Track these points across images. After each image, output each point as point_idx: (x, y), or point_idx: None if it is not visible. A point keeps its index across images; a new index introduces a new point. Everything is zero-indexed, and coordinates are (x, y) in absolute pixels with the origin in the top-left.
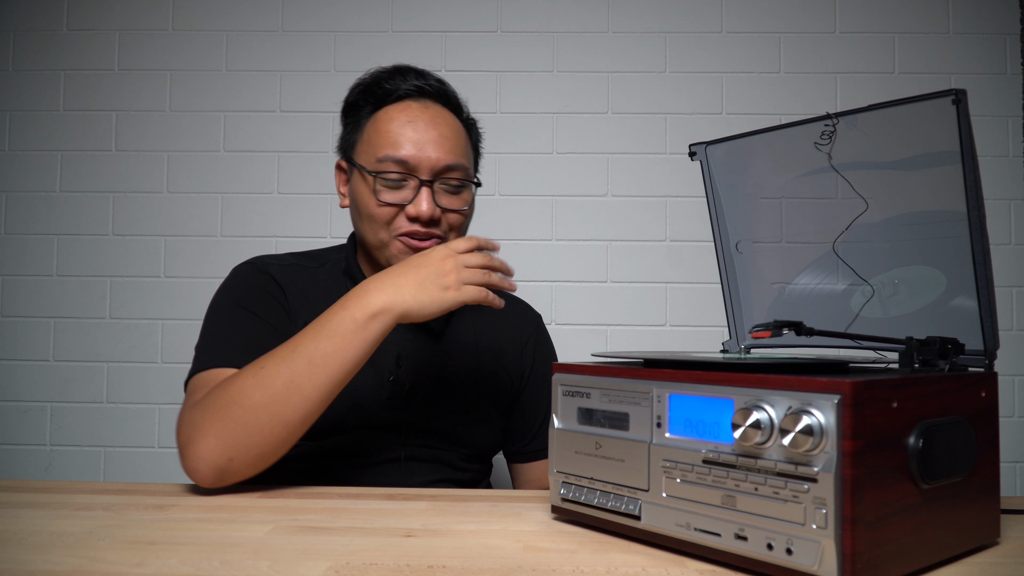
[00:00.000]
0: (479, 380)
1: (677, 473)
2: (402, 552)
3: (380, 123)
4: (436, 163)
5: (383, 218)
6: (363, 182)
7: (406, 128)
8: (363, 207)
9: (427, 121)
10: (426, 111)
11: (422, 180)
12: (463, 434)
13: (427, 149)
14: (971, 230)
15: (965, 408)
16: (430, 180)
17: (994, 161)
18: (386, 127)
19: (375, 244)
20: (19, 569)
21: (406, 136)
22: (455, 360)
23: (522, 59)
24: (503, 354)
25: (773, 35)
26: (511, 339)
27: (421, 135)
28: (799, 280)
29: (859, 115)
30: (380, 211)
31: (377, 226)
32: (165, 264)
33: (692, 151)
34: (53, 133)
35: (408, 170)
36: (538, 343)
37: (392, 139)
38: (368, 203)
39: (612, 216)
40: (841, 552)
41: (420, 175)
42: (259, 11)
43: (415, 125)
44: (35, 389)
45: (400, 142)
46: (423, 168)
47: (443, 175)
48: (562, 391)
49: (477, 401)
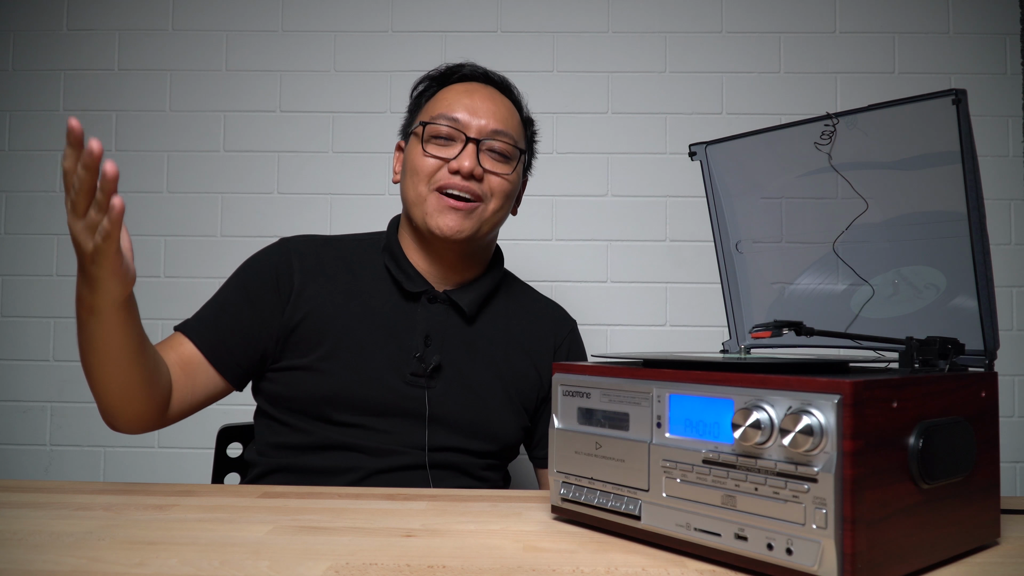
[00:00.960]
0: (506, 371)
1: (677, 473)
2: (402, 552)
3: (441, 94)
4: (485, 126)
5: (426, 170)
6: (416, 140)
7: (462, 96)
8: (410, 161)
9: (484, 94)
10: (485, 88)
11: (468, 137)
12: (485, 424)
13: (479, 114)
14: (971, 230)
15: (965, 408)
16: (476, 139)
17: (994, 161)
18: (445, 96)
19: (414, 199)
20: (19, 569)
21: (461, 102)
22: (485, 346)
23: (522, 59)
24: (535, 352)
25: (773, 35)
26: (545, 338)
27: (476, 104)
28: (799, 280)
29: (859, 115)
30: (425, 162)
31: (419, 179)
32: (165, 264)
33: (692, 151)
34: (53, 133)
35: (458, 128)
36: (572, 347)
37: (448, 102)
38: (415, 155)
39: (612, 216)
40: (841, 552)
41: (468, 133)
42: (259, 11)
43: (472, 95)
44: (35, 389)
45: (455, 106)
46: (472, 128)
47: (490, 139)
48: (562, 391)
49: (502, 392)
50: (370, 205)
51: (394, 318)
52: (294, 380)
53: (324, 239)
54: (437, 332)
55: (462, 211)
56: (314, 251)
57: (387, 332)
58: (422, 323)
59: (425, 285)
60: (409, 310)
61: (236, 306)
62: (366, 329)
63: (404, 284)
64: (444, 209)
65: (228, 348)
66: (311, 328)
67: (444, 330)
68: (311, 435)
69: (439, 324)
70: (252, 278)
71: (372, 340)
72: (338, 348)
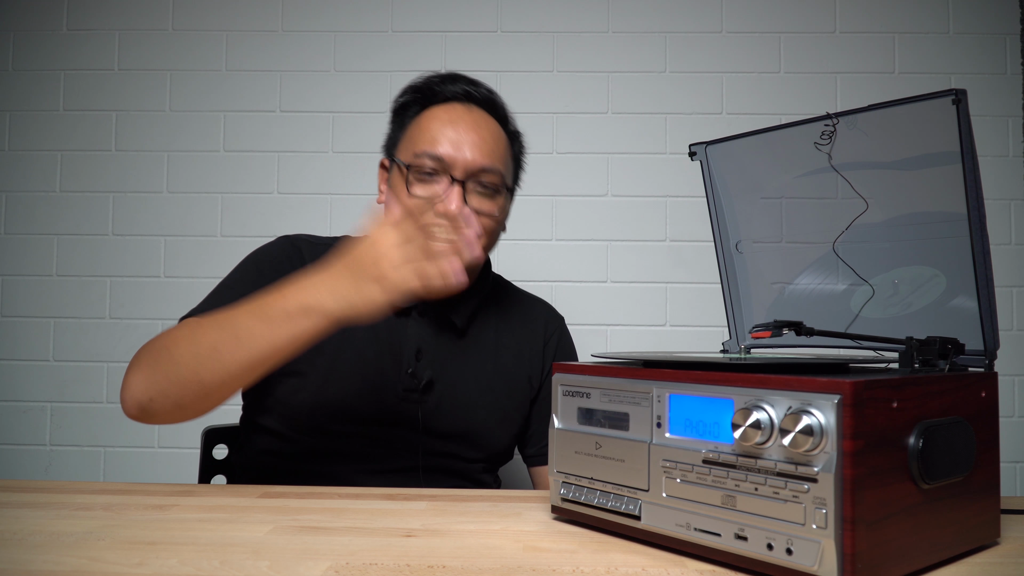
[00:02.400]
0: (499, 380)
1: (677, 473)
2: (402, 552)
3: (423, 121)
4: (471, 164)
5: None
6: (399, 175)
7: (447, 127)
8: (394, 199)
9: (468, 123)
10: (469, 114)
11: (454, 178)
12: (478, 434)
13: (464, 149)
14: (971, 230)
15: (965, 408)
16: (462, 180)
17: (994, 161)
18: (428, 124)
19: None
20: (19, 569)
21: (445, 135)
22: (476, 358)
23: (522, 59)
24: (524, 355)
25: (773, 35)
26: (533, 339)
27: (460, 135)
28: (799, 280)
29: (859, 115)
30: (409, 203)
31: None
32: (165, 264)
33: (692, 151)
34: (53, 133)
35: (443, 167)
36: (560, 344)
37: (431, 136)
38: (399, 195)
39: (612, 216)
40: (841, 552)
41: (454, 173)
42: (259, 11)
43: (456, 126)
44: (35, 389)
45: (438, 139)
46: (457, 167)
47: (477, 176)
48: (562, 391)
49: (495, 402)
50: (370, 205)
51: (386, 333)
52: (287, 389)
53: (324, 244)
54: (429, 346)
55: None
56: (315, 254)
57: (381, 346)
58: (413, 338)
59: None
60: (400, 324)
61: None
62: (361, 342)
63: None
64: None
65: None
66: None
67: (436, 344)
68: (304, 445)
69: (430, 338)
70: (267, 264)
71: (365, 355)
72: (332, 362)
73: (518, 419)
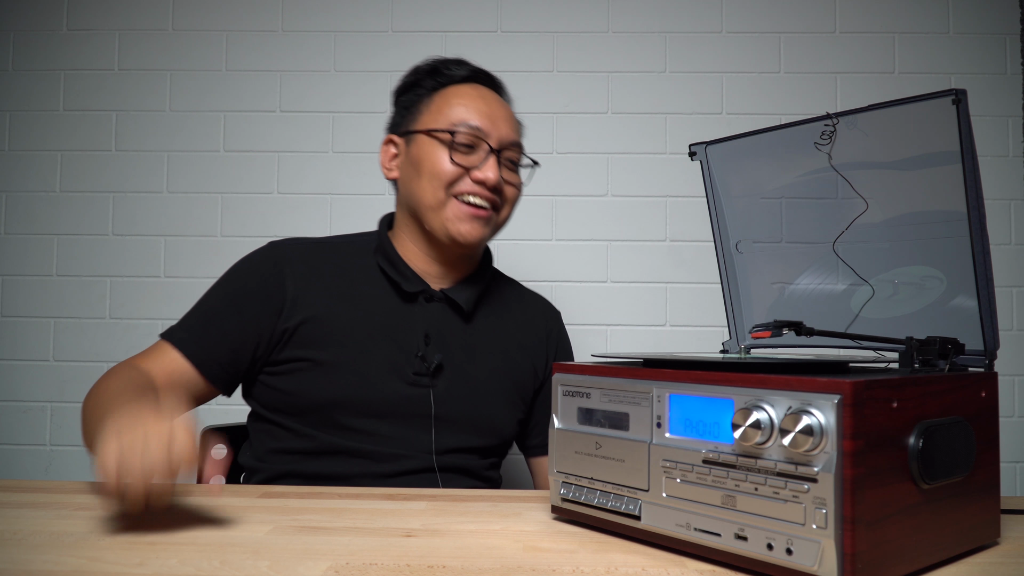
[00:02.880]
0: (504, 366)
1: (677, 473)
2: (402, 552)
3: (450, 96)
4: (504, 136)
5: (448, 177)
6: (432, 144)
7: (477, 101)
8: (429, 165)
9: (494, 100)
10: (491, 93)
11: (492, 148)
12: (488, 419)
13: (498, 123)
14: (971, 230)
15: (965, 408)
16: (498, 150)
17: (994, 161)
18: (457, 99)
19: (431, 203)
20: (19, 569)
21: (478, 108)
22: (483, 343)
23: (522, 59)
24: (529, 345)
25: (773, 35)
26: (535, 330)
27: (492, 110)
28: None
29: (859, 115)
30: (449, 169)
31: (439, 185)
32: (165, 264)
33: (692, 151)
34: (53, 133)
35: (479, 137)
36: (560, 336)
37: (464, 109)
38: (438, 161)
39: (612, 216)
40: (841, 552)
41: (490, 141)
42: (259, 11)
43: (486, 100)
44: (35, 389)
45: (472, 112)
46: (493, 138)
47: (507, 150)
48: (562, 391)
49: (501, 386)
50: (370, 205)
51: (393, 319)
52: (297, 384)
53: (315, 242)
54: (436, 331)
55: (482, 219)
56: (305, 256)
57: (387, 334)
58: (421, 322)
59: (422, 284)
60: (407, 310)
61: (223, 316)
62: (366, 332)
63: (402, 285)
64: (466, 217)
65: (216, 358)
66: (310, 334)
67: (443, 328)
68: (316, 440)
69: (437, 322)
70: (240, 288)
71: (373, 343)
72: (340, 353)
73: (522, 407)
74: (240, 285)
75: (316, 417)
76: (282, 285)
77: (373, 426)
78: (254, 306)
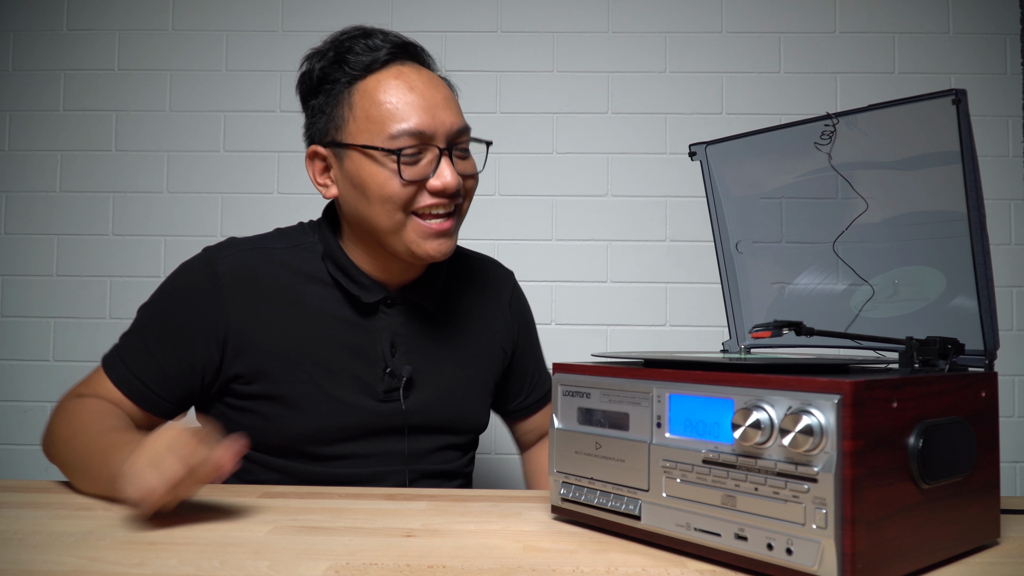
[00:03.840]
0: (474, 354)
1: (677, 473)
2: (402, 552)
3: (375, 94)
4: (451, 128)
5: (403, 198)
6: (374, 163)
7: (409, 95)
8: (377, 190)
9: (426, 84)
10: (419, 74)
11: (441, 149)
12: (462, 418)
13: (439, 113)
14: (971, 230)
15: (965, 408)
16: (447, 148)
17: (994, 161)
18: (385, 98)
19: (391, 228)
20: (19, 569)
21: (412, 103)
22: (450, 337)
23: (522, 59)
24: (495, 324)
25: (773, 35)
26: (498, 303)
27: (428, 100)
28: (799, 280)
29: (859, 115)
30: (403, 192)
31: (395, 208)
32: (165, 264)
33: (692, 151)
34: (53, 133)
35: (425, 140)
36: (515, 300)
37: (398, 110)
38: (385, 184)
39: (612, 216)
40: (841, 552)
41: (437, 142)
42: (259, 11)
43: (418, 91)
44: (35, 389)
45: (408, 112)
46: (439, 136)
47: (456, 141)
48: (562, 391)
49: (474, 377)
50: None
51: (354, 334)
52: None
53: (255, 251)
54: (401, 337)
55: (447, 231)
56: (248, 273)
57: (350, 350)
58: (384, 332)
59: (381, 292)
60: (367, 321)
61: (161, 347)
62: (328, 353)
63: (362, 297)
64: (430, 235)
65: (158, 393)
66: (267, 368)
67: (407, 331)
68: (289, 473)
69: (400, 327)
70: (178, 317)
71: (337, 363)
72: (305, 383)
73: (493, 389)
74: (178, 314)
75: (287, 451)
76: (225, 313)
77: (348, 450)
78: (194, 338)
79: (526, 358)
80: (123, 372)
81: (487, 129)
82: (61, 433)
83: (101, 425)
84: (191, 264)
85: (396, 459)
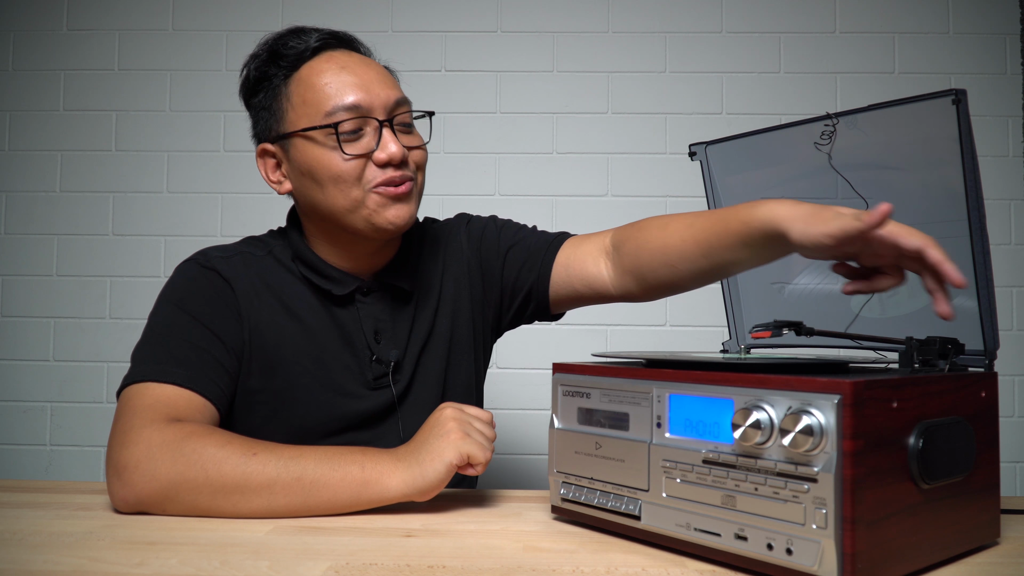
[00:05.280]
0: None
1: (677, 473)
2: (402, 552)
3: (310, 79)
4: (387, 100)
5: (352, 174)
6: (316, 146)
7: (342, 74)
8: (324, 171)
9: (358, 63)
10: (350, 56)
11: (380, 121)
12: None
13: (374, 87)
14: (971, 230)
15: (965, 408)
16: (388, 119)
17: (994, 161)
18: (319, 80)
19: (348, 207)
20: (19, 569)
21: (345, 81)
22: (428, 310)
23: (522, 59)
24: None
25: (773, 35)
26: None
27: (362, 75)
28: (799, 280)
29: (859, 115)
30: (348, 166)
31: (347, 186)
32: (165, 264)
33: (692, 151)
34: (53, 133)
35: (361, 114)
36: (472, 241)
37: (333, 89)
38: (331, 163)
39: (612, 215)
40: (841, 552)
41: (376, 115)
42: (259, 11)
43: (351, 69)
44: (35, 389)
45: (343, 89)
46: (376, 108)
47: (396, 112)
48: (562, 391)
49: (458, 349)
50: None
51: (337, 326)
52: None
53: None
54: (384, 323)
55: (405, 194)
56: (240, 272)
57: (336, 343)
58: (367, 320)
59: (353, 282)
60: (347, 312)
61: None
62: (318, 348)
63: (333, 291)
64: (388, 203)
65: (226, 391)
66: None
67: (389, 317)
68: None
69: (381, 312)
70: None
71: (326, 356)
72: (299, 374)
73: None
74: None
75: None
76: (240, 306)
77: (348, 439)
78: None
79: (517, 254)
80: (187, 375)
81: (487, 129)
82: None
83: (253, 443)
84: (191, 265)
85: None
